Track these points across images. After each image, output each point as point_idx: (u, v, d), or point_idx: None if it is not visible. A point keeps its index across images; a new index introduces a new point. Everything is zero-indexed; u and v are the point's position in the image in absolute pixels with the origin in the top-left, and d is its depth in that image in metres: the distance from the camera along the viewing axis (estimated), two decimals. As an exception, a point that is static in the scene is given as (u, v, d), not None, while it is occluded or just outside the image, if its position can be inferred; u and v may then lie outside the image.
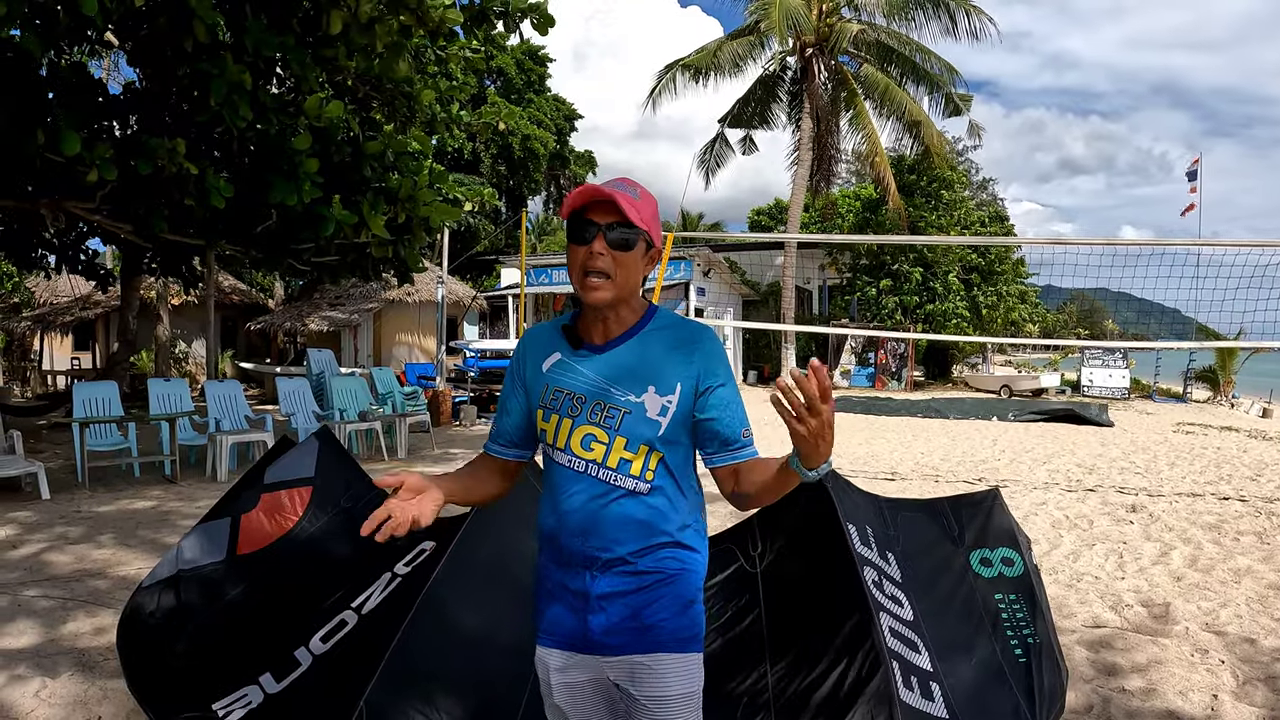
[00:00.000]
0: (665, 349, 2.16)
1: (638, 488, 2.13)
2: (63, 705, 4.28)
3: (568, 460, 2.17)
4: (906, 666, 3.27)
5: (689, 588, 2.18)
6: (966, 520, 4.27)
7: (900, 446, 15.33)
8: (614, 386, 2.14)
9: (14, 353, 28.86)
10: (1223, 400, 29.12)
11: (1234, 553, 7.73)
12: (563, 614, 2.21)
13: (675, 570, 2.16)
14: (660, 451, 2.13)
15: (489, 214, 40.91)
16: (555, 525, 2.21)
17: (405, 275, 12.49)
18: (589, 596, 2.15)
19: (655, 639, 2.13)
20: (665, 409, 2.12)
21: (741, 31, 31.80)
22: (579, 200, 2.08)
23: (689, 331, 2.21)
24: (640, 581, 2.14)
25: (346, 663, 3.53)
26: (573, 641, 2.20)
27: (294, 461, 4.55)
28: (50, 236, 13.99)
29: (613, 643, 2.14)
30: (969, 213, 35.11)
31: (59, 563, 6.94)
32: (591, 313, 2.19)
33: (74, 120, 8.18)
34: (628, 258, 2.10)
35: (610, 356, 2.18)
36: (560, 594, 2.21)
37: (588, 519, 2.14)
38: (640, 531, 2.13)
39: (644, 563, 2.14)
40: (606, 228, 2.07)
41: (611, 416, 2.12)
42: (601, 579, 2.14)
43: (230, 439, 11.45)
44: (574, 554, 2.17)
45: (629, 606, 2.14)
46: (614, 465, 2.12)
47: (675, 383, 2.12)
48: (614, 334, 2.20)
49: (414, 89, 11.70)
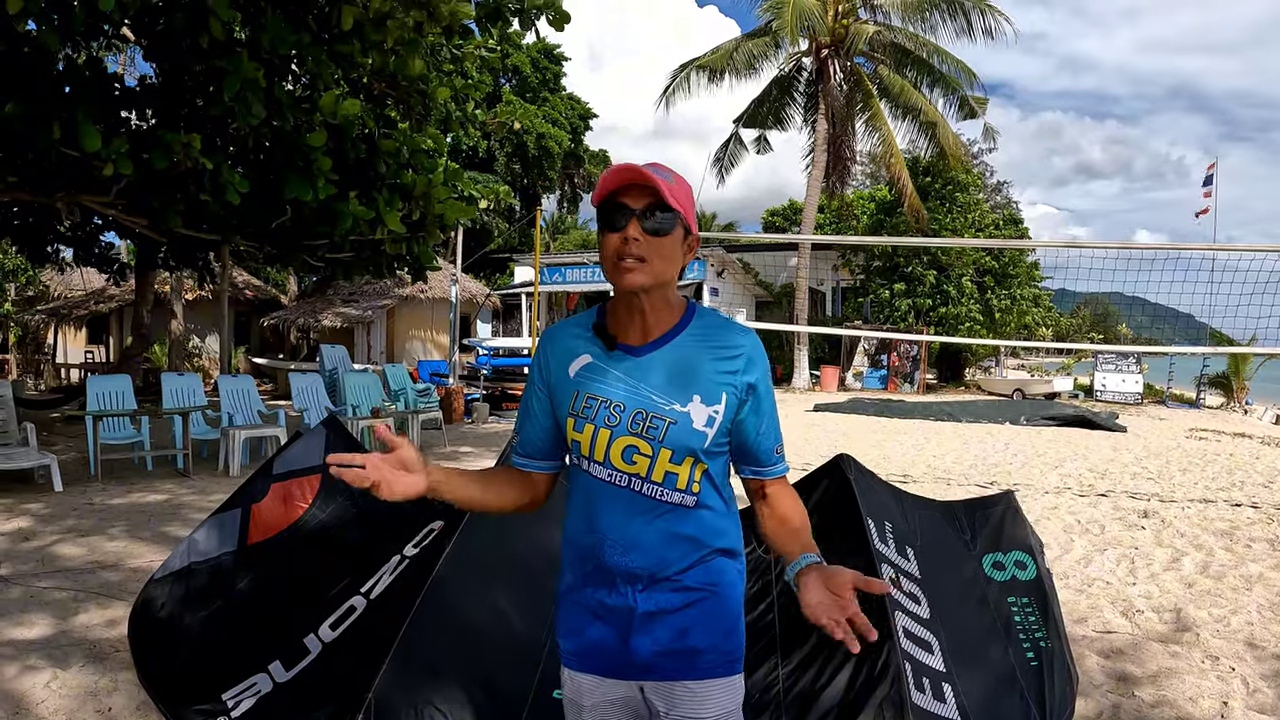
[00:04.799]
0: (710, 354, 2.01)
1: (684, 501, 1.99)
2: (74, 696, 4.29)
3: (607, 474, 2.00)
4: (919, 667, 3.26)
5: (734, 603, 2.06)
6: (980, 524, 4.26)
7: (912, 449, 15.29)
8: (656, 394, 1.97)
9: (28, 345, 29.04)
10: (1236, 406, 28.96)
11: (1246, 559, 7.69)
12: (602, 635, 2.04)
13: (721, 583, 2.04)
14: (705, 463, 2.00)
15: (503, 212, 40.98)
16: (593, 543, 2.03)
17: (419, 273, 12.50)
18: (633, 614, 2.00)
19: (704, 665, 2.01)
20: (711, 419, 1.97)
21: (757, 32, 31.77)
22: (612, 183, 1.91)
23: (735, 336, 2.04)
24: (687, 598, 2.00)
25: (355, 650, 3.53)
26: (612, 666, 2.05)
27: (302, 450, 4.57)
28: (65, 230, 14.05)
29: (658, 667, 2.01)
30: (983, 215, 34.99)
31: (71, 554, 6.97)
32: (625, 310, 2.02)
33: (92, 115, 8.21)
34: (665, 244, 1.93)
35: (650, 360, 2.01)
36: (600, 613, 2.04)
37: (632, 535, 1.99)
38: (688, 546, 2.00)
39: (691, 577, 2.00)
40: (641, 213, 1.90)
41: (655, 427, 1.95)
42: (647, 596, 2.00)
43: (243, 434, 11.49)
44: (617, 571, 2.01)
45: (675, 627, 2.00)
46: (659, 479, 1.98)
47: (721, 391, 1.98)
48: (654, 335, 2.02)
49: (429, 87, 11.71)
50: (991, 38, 29.97)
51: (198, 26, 8.35)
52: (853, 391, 31.01)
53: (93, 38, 10.46)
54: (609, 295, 2.08)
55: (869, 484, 4.17)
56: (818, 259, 35.26)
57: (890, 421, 20.74)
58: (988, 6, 29.47)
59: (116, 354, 27.50)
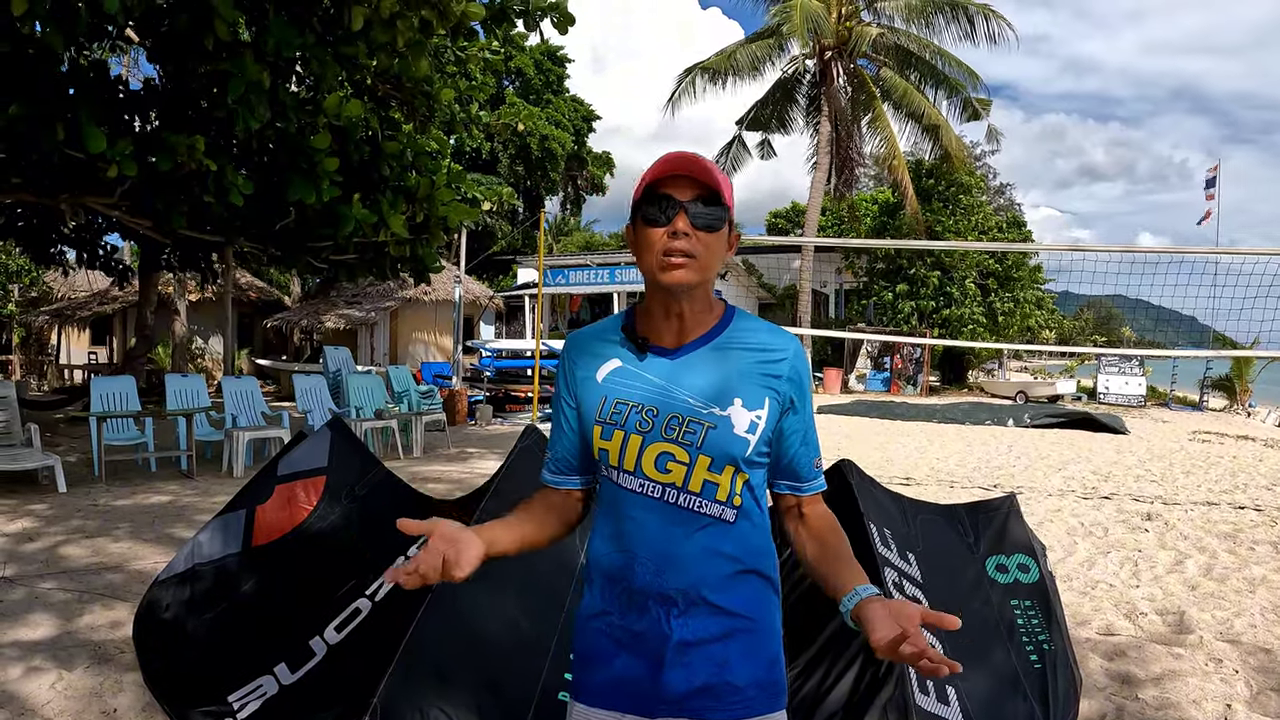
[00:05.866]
0: (750, 356, 1.86)
1: (724, 514, 1.83)
2: (78, 698, 4.29)
3: (639, 484, 1.83)
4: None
5: (777, 631, 1.90)
6: (983, 527, 4.27)
7: (915, 452, 15.28)
8: (694, 397, 1.82)
9: (32, 346, 29.08)
10: (1239, 409, 28.94)
11: (1249, 562, 7.68)
12: (629, 667, 1.85)
13: (760, 611, 1.87)
14: (746, 473, 1.83)
15: (506, 214, 41.03)
16: (622, 562, 1.86)
17: (422, 275, 12.53)
18: (666, 643, 1.81)
19: (746, 701, 1.82)
20: (754, 425, 1.82)
21: (761, 34, 31.76)
22: (660, 171, 1.77)
23: (779, 340, 1.90)
24: (727, 625, 1.82)
25: (360, 652, 3.54)
26: (638, 703, 1.84)
27: (307, 452, 4.58)
28: (69, 231, 14.10)
29: (692, 705, 1.81)
30: (986, 218, 34.98)
31: (75, 555, 6.98)
32: (661, 310, 1.87)
33: (96, 117, 8.23)
34: (714, 239, 1.79)
35: (687, 362, 1.86)
36: (628, 642, 1.85)
37: (666, 553, 1.82)
38: (728, 565, 1.83)
39: (731, 601, 1.82)
40: (690, 204, 1.75)
41: (692, 432, 1.80)
42: (683, 622, 1.81)
43: (247, 435, 11.50)
44: (648, 593, 1.82)
45: (714, 660, 1.81)
46: (697, 489, 1.81)
47: (764, 396, 1.83)
48: (691, 336, 1.88)
49: (433, 89, 11.73)
50: (994, 43, 30.00)
51: (202, 28, 8.37)
52: (856, 394, 31.01)
53: (97, 39, 10.48)
54: (612, 297, 2.00)
55: (870, 489, 4.17)
56: (821, 261, 35.24)
57: (893, 424, 20.75)
58: (991, 11, 29.46)
59: (120, 355, 27.54)
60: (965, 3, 29.68)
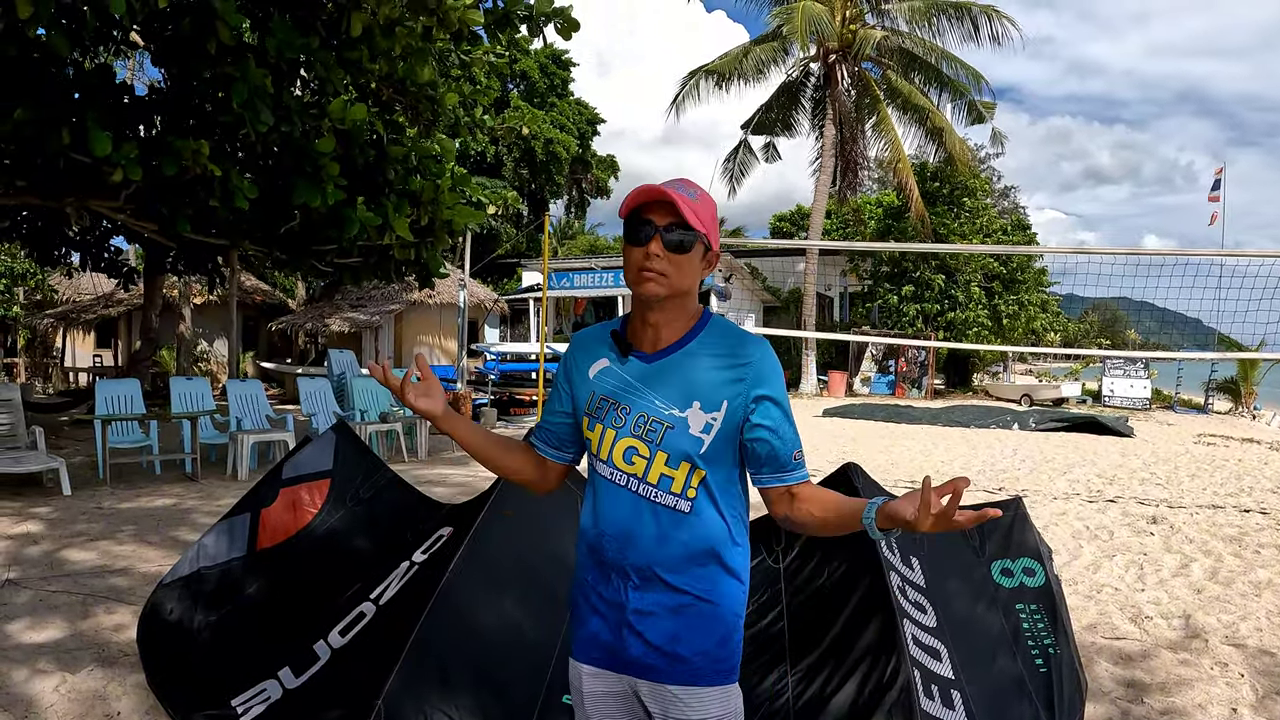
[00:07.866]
0: (715, 362, 2.07)
1: (678, 505, 2.06)
2: (82, 700, 4.30)
3: (610, 472, 2.12)
4: (927, 675, 3.26)
5: (729, 614, 2.10)
6: (988, 530, 4.26)
7: (920, 454, 15.28)
8: (659, 400, 2.06)
9: (37, 349, 29.11)
10: (1244, 412, 28.89)
11: (1255, 565, 7.67)
12: (599, 628, 2.15)
13: (714, 593, 2.08)
14: (703, 469, 2.05)
15: (511, 217, 41.03)
16: (596, 536, 2.15)
17: (427, 278, 12.50)
18: (625, 610, 2.09)
19: (694, 671, 2.06)
20: (709, 426, 2.04)
21: (765, 38, 31.78)
22: (637, 200, 2.03)
23: (741, 344, 2.10)
24: (677, 600, 2.07)
25: (364, 656, 3.53)
26: (606, 658, 2.15)
27: (312, 456, 4.58)
28: (74, 234, 14.11)
29: (649, 667, 2.08)
30: (991, 220, 34.95)
31: (79, 558, 6.98)
32: (640, 318, 2.12)
33: (101, 120, 8.24)
34: (684, 260, 2.02)
35: (657, 367, 2.10)
36: (599, 606, 2.15)
37: (628, 533, 2.08)
38: (679, 549, 2.06)
39: (683, 581, 2.06)
40: (664, 229, 2.00)
41: (654, 430, 2.05)
42: (639, 594, 2.08)
43: (251, 438, 11.51)
44: (613, 565, 2.11)
45: (665, 630, 2.06)
46: (654, 481, 2.07)
47: (721, 399, 2.04)
48: (664, 343, 2.11)
49: (438, 93, 11.72)
50: (998, 43, 30.03)
51: (206, 32, 8.37)
52: (860, 397, 31.00)
53: (102, 43, 10.49)
54: (616, 300, 2.12)
55: (874, 493, 4.17)
56: (825, 264, 35.26)
57: (898, 427, 20.75)
58: (995, 12, 29.48)
59: (125, 358, 27.56)
60: (969, 4, 29.69)
